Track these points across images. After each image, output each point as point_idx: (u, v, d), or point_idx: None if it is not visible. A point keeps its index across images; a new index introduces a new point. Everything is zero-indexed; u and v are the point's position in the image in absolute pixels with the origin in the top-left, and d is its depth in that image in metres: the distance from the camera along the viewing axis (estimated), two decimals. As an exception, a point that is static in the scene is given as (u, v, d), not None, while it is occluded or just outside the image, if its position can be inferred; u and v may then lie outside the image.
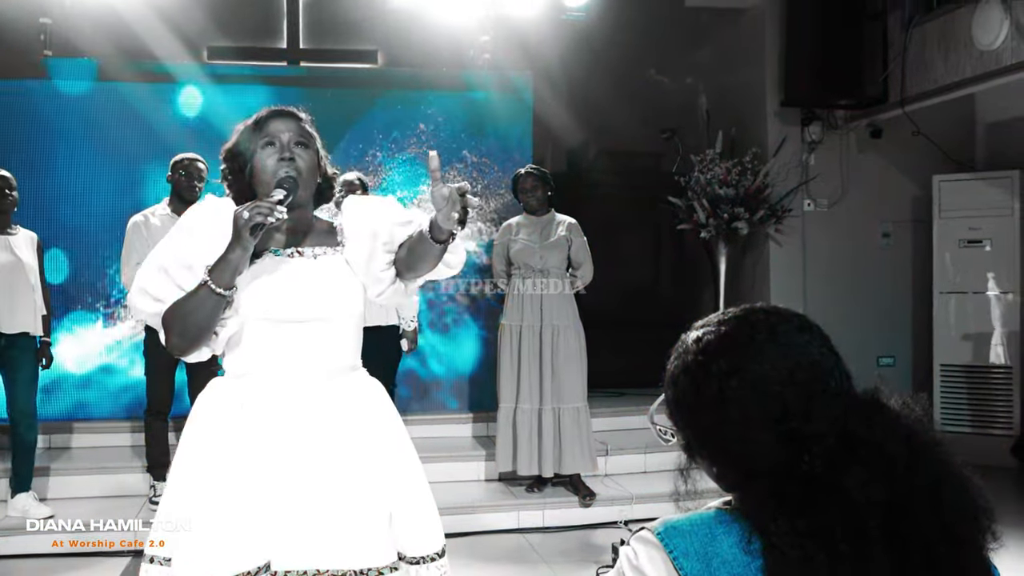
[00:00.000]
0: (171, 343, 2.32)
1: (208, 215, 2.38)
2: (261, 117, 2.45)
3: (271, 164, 2.38)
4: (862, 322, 7.69)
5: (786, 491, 1.18)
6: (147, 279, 2.33)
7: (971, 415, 7.27)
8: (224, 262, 2.24)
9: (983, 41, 6.25)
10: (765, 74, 7.70)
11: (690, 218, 7.54)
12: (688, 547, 1.19)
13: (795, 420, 1.20)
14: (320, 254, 2.44)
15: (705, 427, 1.27)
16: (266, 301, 2.33)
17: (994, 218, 7.24)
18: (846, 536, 1.15)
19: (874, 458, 1.18)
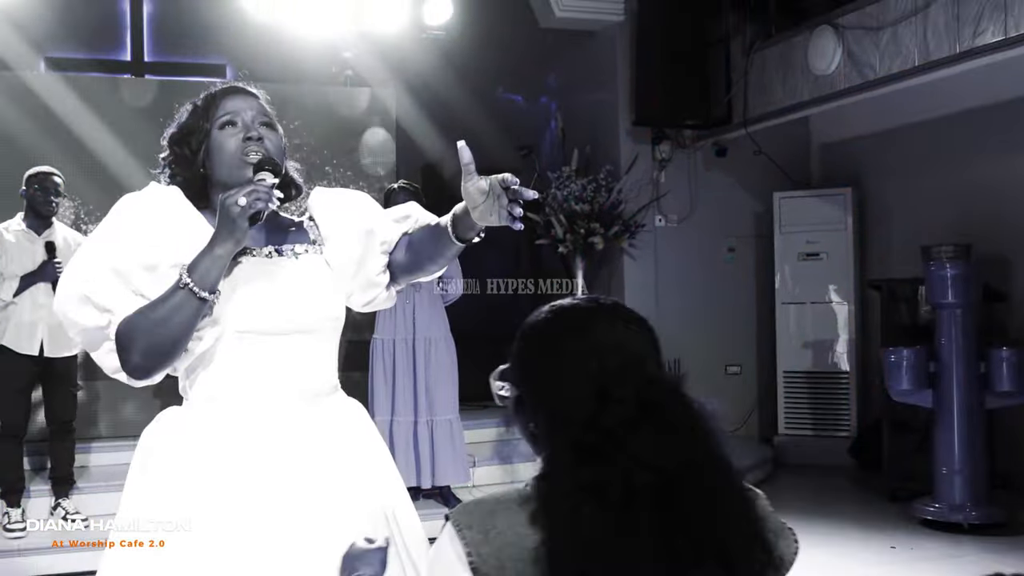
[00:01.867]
0: (131, 363, 1.90)
1: (160, 206, 2.00)
2: (213, 94, 2.10)
3: (233, 145, 2.01)
4: (710, 332, 8.04)
5: (584, 441, 1.33)
6: (91, 285, 1.90)
7: (812, 418, 7.71)
8: (210, 259, 1.86)
9: (818, 67, 6.67)
10: (617, 94, 7.99)
11: (548, 233, 7.75)
12: (471, 521, 1.35)
13: (610, 380, 1.37)
14: (301, 252, 2.09)
15: (540, 376, 1.44)
16: (251, 310, 1.96)
17: (830, 232, 7.72)
18: (617, 491, 1.29)
19: (661, 424, 1.34)
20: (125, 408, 6.60)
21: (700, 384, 5.99)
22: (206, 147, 2.04)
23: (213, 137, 2.04)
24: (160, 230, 1.95)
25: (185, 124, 2.09)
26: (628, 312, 1.50)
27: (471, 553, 1.33)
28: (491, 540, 1.33)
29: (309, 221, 2.16)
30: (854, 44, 6.39)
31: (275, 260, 2.05)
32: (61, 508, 5.46)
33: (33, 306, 5.31)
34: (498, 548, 1.32)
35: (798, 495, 6.92)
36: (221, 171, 2.02)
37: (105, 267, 1.91)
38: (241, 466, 1.93)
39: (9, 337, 5.32)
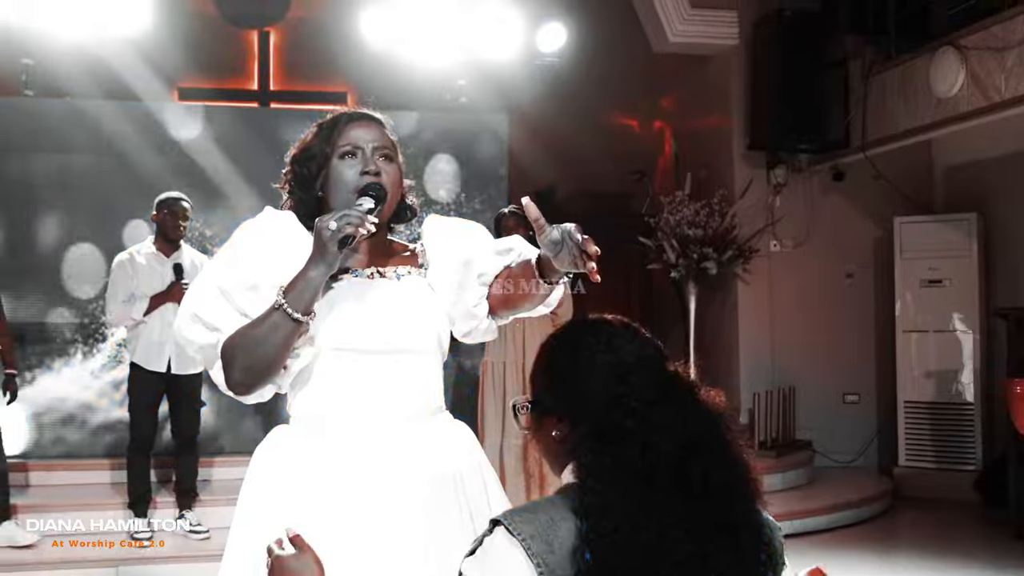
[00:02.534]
0: (232, 380, 1.94)
1: (271, 229, 2.04)
2: (339, 120, 2.10)
3: (351, 177, 2.03)
4: (827, 360, 7.89)
5: (607, 422, 1.45)
6: (201, 304, 1.96)
7: (935, 451, 7.44)
8: (303, 281, 1.89)
9: (940, 89, 6.50)
10: (732, 118, 7.93)
11: (660, 258, 7.72)
12: (534, 531, 1.42)
13: (630, 369, 1.52)
14: (404, 274, 2.09)
15: (566, 377, 1.57)
16: (347, 328, 1.97)
17: (954, 258, 7.48)
18: (639, 463, 1.41)
19: (680, 401, 1.48)
20: (246, 424, 6.82)
21: (817, 413, 5.99)
22: (325, 173, 2.07)
23: (333, 165, 2.06)
24: (267, 252, 1.98)
25: (308, 146, 2.11)
26: (644, 332, 1.63)
27: (540, 564, 1.39)
28: (556, 551, 1.40)
29: (421, 247, 2.18)
30: (978, 66, 6.20)
31: (376, 281, 2.06)
32: (185, 520, 5.68)
33: (162, 325, 5.55)
34: (563, 558, 1.40)
35: (919, 530, 6.71)
36: (336, 199, 2.04)
37: (213, 287, 1.96)
38: (338, 485, 1.93)
39: (139, 355, 5.60)
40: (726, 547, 1.41)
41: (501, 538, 1.44)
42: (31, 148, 6.61)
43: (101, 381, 6.62)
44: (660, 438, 1.42)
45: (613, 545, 1.38)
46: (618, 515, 1.39)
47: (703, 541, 1.39)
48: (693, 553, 1.39)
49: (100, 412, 6.60)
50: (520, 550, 1.41)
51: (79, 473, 6.36)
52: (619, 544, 1.38)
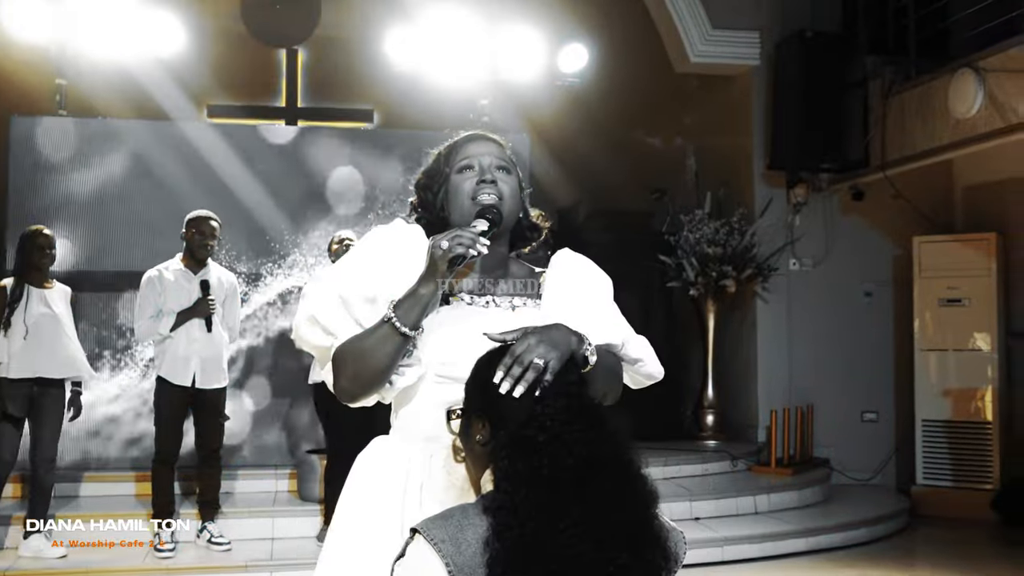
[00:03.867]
0: (340, 386, 1.97)
1: (396, 242, 2.05)
2: (457, 140, 2.17)
3: (468, 187, 2.07)
4: (846, 378, 7.93)
5: (523, 434, 1.62)
6: (321, 308, 1.99)
7: (952, 470, 7.46)
8: (413, 298, 1.92)
9: (959, 110, 6.55)
10: (752, 138, 8.01)
11: (679, 276, 7.80)
12: (444, 535, 1.58)
13: (548, 390, 1.69)
14: (519, 305, 2.08)
15: (490, 392, 1.71)
16: (452, 354, 1.95)
17: (973, 278, 7.50)
18: (546, 472, 1.58)
19: (590, 422, 1.65)
20: (269, 437, 6.94)
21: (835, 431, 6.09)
22: (445, 190, 2.11)
23: (451, 180, 2.10)
24: (390, 264, 2.00)
25: (429, 169, 2.17)
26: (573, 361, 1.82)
27: (449, 564, 1.56)
28: (463, 551, 1.57)
29: (544, 278, 2.15)
30: (996, 87, 6.26)
31: (490, 309, 2.06)
32: (207, 531, 5.79)
33: (188, 340, 5.67)
34: (470, 557, 1.56)
35: (936, 548, 6.73)
36: (456, 213, 2.08)
37: (334, 293, 1.98)
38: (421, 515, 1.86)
39: (165, 369, 5.71)
40: (622, 548, 1.57)
41: (420, 543, 1.59)
42: (67, 166, 6.77)
43: (129, 395, 6.75)
44: (567, 452, 1.59)
45: (516, 541, 1.54)
46: (522, 514, 1.56)
47: (600, 543, 1.55)
48: (590, 552, 1.54)
49: (126, 425, 6.73)
50: (433, 553, 1.57)
51: (105, 485, 6.48)
52: (522, 540, 1.54)
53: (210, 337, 5.71)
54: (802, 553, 6.35)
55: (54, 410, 5.58)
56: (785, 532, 6.43)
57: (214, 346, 5.75)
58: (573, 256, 2.20)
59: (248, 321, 6.88)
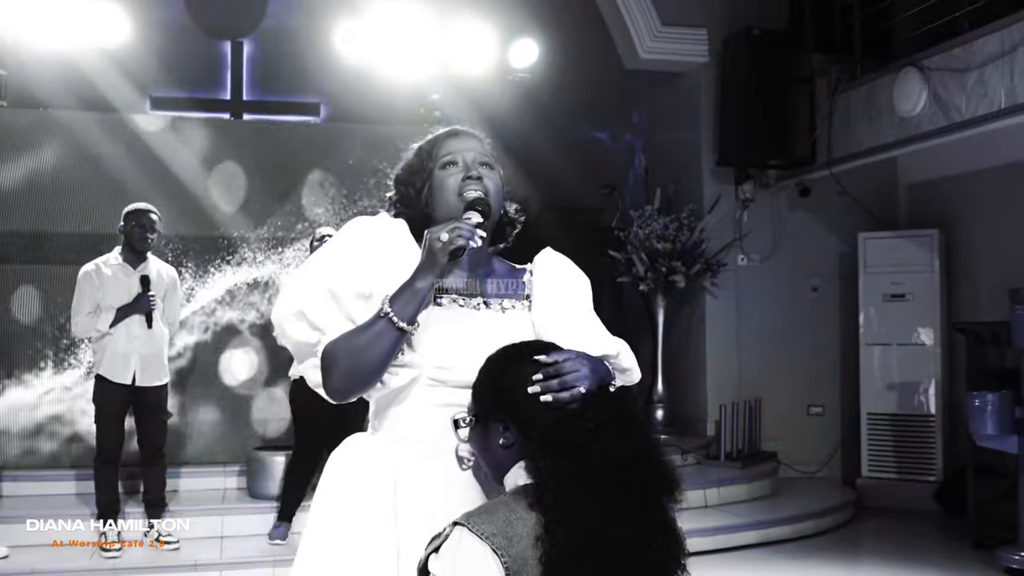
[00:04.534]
0: (332, 384, 1.93)
1: (383, 236, 2.04)
2: (438, 137, 2.16)
3: (453, 184, 2.05)
4: (792, 372, 8.02)
5: (556, 436, 1.70)
6: (309, 303, 1.95)
7: (897, 462, 7.59)
8: (410, 291, 1.90)
9: (903, 108, 6.65)
10: (701, 134, 8.06)
11: (629, 271, 7.84)
12: (494, 529, 1.63)
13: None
14: (508, 308, 2.07)
15: (517, 395, 1.78)
16: (449, 359, 1.95)
17: (916, 274, 7.63)
18: (599, 471, 1.66)
19: (622, 420, 1.75)
20: (213, 434, 6.84)
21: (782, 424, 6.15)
22: (429, 186, 2.09)
23: (435, 176, 2.09)
24: (381, 260, 1.98)
25: (410, 164, 2.15)
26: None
27: (504, 557, 1.61)
28: (514, 544, 1.62)
29: (529, 277, 2.15)
30: (940, 86, 6.36)
31: (481, 312, 2.05)
32: (155, 530, 5.68)
33: (127, 337, 5.54)
34: (522, 551, 1.62)
35: (881, 539, 6.84)
36: (441, 208, 2.06)
37: (323, 288, 1.96)
38: (422, 516, 1.90)
39: (105, 367, 5.56)
40: (657, 531, 1.69)
41: (467, 538, 1.62)
42: (3, 158, 6.60)
43: (72, 393, 6.61)
44: (607, 450, 1.68)
45: (568, 537, 1.61)
46: (572, 511, 1.63)
47: (642, 528, 1.66)
48: (633, 539, 1.65)
49: (68, 424, 6.59)
50: (486, 547, 1.60)
51: (47, 484, 6.35)
52: (574, 533, 1.61)
53: (151, 333, 5.59)
54: (752, 546, 6.41)
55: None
56: (735, 525, 6.48)
57: (155, 343, 5.63)
58: (557, 257, 2.21)
59: (196, 316, 6.78)
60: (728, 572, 5.86)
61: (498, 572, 1.60)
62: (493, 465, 1.83)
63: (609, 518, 1.64)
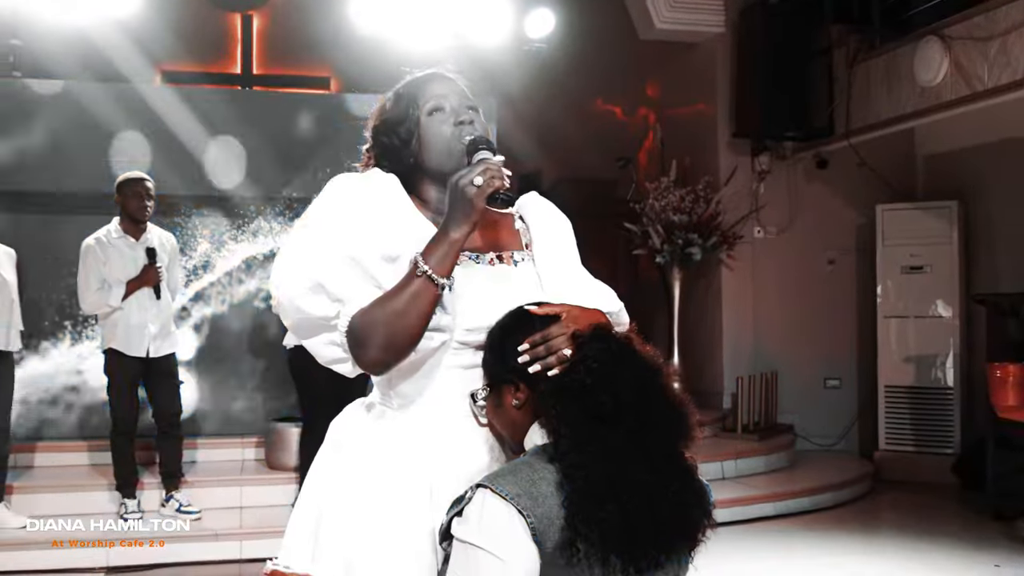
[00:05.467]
0: (367, 357, 1.78)
1: (385, 193, 1.92)
2: (417, 81, 2.00)
3: (446, 131, 1.92)
4: (809, 344, 7.99)
5: (571, 380, 1.67)
6: (327, 273, 1.79)
7: (914, 434, 7.56)
8: (447, 244, 1.75)
9: (924, 78, 6.58)
10: (717, 106, 8.00)
11: (645, 244, 7.79)
12: (518, 490, 1.60)
13: (588, 337, 1.73)
14: (519, 260, 1.97)
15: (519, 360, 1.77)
16: (479, 320, 1.84)
17: (935, 245, 7.58)
18: (602, 416, 1.64)
19: (629, 360, 1.72)
20: (230, 407, 6.83)
21: (799, 397, 6.13)
22: (417, 136, 1.94)
23: (423, 124, 1.94)
24: (393, 217, 1.86)
25: (391, 115, 1.98)
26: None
27: (529, 517, 1.59)
28: (540, 503, 1.60)
29: (522, 224, 2.04)
30: (961, 55, 6.29)
31: (497, 268, 1.94)
32: (175, 500, 5.68)
33: (139, 310, 5.52)
34: (548, 509, 1.59)
35: (899, 512, 6.82)
36: (434, 158, 1.93)
37: (342, 254, 1.80)
38: (447, 487, 1.79)
39: (119, 341, 5.53)
40: (674, 476, 1.66)
41: (491, 499, 1.60)
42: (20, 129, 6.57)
43: (88, 363, 6.60)
44: (615, 390, 1.65)
45: (587, 480, 1.59)
46: (588, 453, 1.61)
47: (657, 472, 1.64)
48: (651, 481, 1.62)
49: (86, 394, 6.59)
50: (511, 508, 1.58)
51: (65, 455, 6.35)
52: (591, 479, 1.59)
53: (159, 304, 5.59)
54: (770, 517, 6.41)
55: (6, 379, 5.42)
56: (753, 497, 6.47)
57: (164, 313, 5.63)
58: (543, 202, 2.10)
59: (212, 288, 6.76)
60: (746, 543, 5.85)
61: (524, 533, 1.58)
62: (510, 429, 1.80)
63: (626, 461, 1.62)
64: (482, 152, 1.83)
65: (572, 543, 1.57)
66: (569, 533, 1.58)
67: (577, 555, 1.58)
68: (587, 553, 1.57)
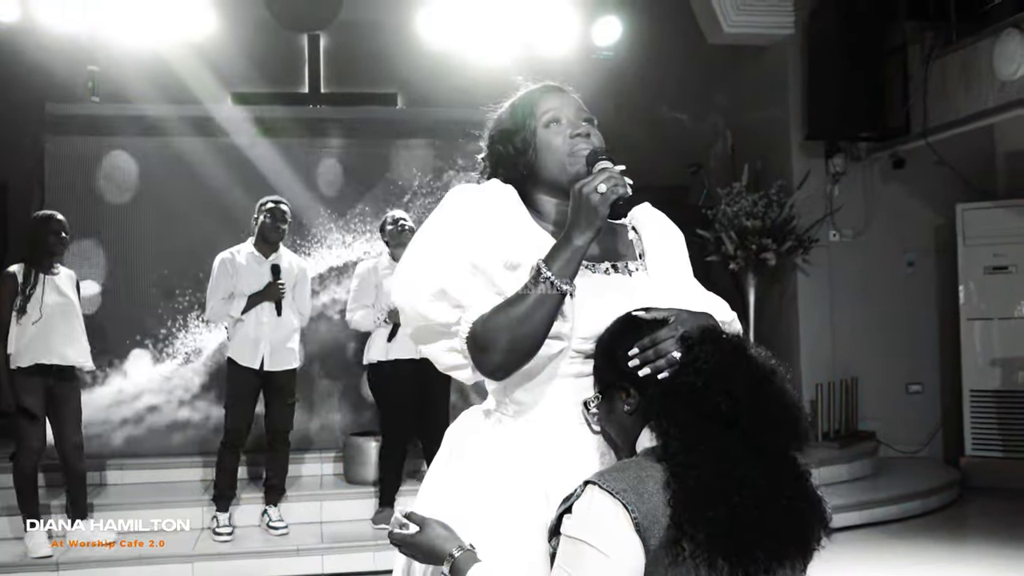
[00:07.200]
0: (490, 363, 1.81)
1: (503, 203, 1.96)
2: (533, 93, 2.05)
3: (561, 142, 1.95)
4: (889, 350, 7.82)
5: (681, 383, 1.67)
6: (450, 279, 1.83)
7: (1002, 440, 7.35)
8: (570, 251, 1.79)
9: (1004, 72, 6.40)
10: (788, 108, 7.88)
11: (718, 250, 7.69)
12: (625, 486, 1.60)
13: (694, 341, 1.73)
14: (635, 270, 2.00)
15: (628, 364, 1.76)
16: (593, 327, 1.86)
17: (1018, 245, 7.38)
18: (713, 417, 1.63)
19: (739, 360, 1.70)
20: (312, 422, 6.89)
21: (881, 403, 5.98)
22: (533, 146, 1.98)
23: (539, 135, 1.98)
24: (512, 227, 1.91)
25: (506, 124, 2.03)
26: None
27: (634, 511, 1.58)
28: (646, 500, 1.59)
29: (635, 235, 2.06)
30: (1043, 47, 6.11)
31: (612, 277, 1.96)
32: (267, 515, 5.79)
33: (256, 323, 5.73)
34: (654, 506, 1.58)
35: (988, 519, 6.65)
36: (549, 168, 1.97)
37: (463, 262, 1.85)
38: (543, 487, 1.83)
39: (235, 350, 5.76)
40: (788, 480, 1.64)
41: (598, 495, 1.60)
42: (95, 151, 6.75)
43: (171, 383, 6.73)
44: (726, 390, 1.63)
45: (696, 480, 1.58)
46: (697, 454, 1.60)
47: (769, 474, 1.61)
48: (763, 485, 1.59)
49: (168, 413, 6.71)
50: (617, 503, 1.58)
51: (151, 472, 6.46)
52: (701, 479, 1.58)
53: (280, 321, 5.76)
54: (855, 527, 6.28)
55: (73, 397, 5.55)
56: (836, 506, 6.16)
57: (283, 329, 5.79)
58: (656, 213, 2.12)
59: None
60: (831, 554, 5.69)
61: (628, 527, 1.57)
62: (622, 435, 1.80)
63: (738, 462, 1.60)
64: (603, 162, 1.88)
65: (677, 542, 1.56)
66: (674, 532, 1.56)
67: (682, 554, 1.56)
68: (693, 553, 1.55)
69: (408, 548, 1.81)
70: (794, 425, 1.68)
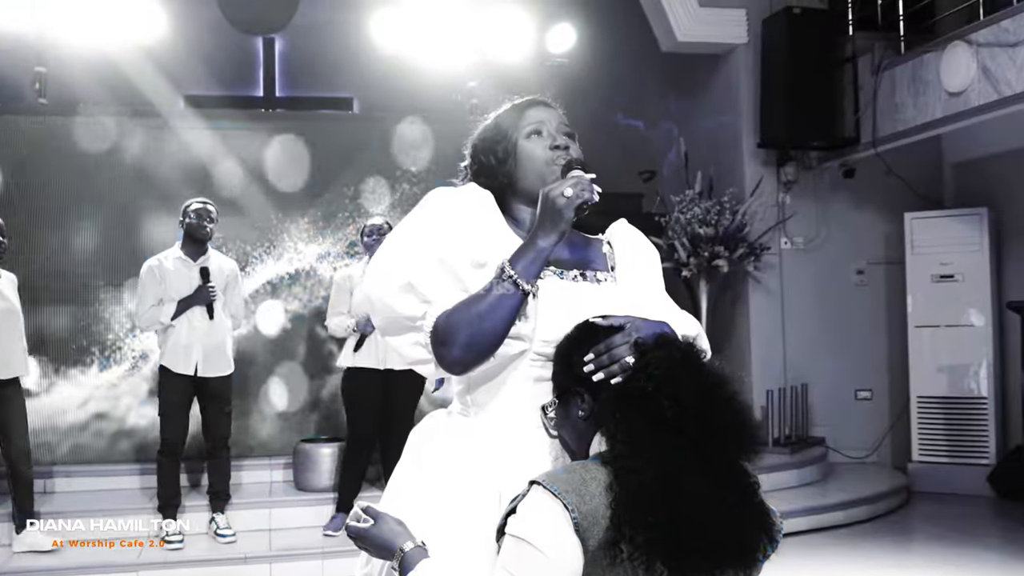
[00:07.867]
0: (449, 357, 1.86)
1: (478, 205, 2.01)
2: (518, 106, 2.13)
3: (540, 152, 2.03)
4: (839, 356, 7.90)
5: (632, 387, 1.69)
6: (419, 274, 1.89)
7: (948, 445, 7.45)
8: (533, 251, 1.85)
9: (951, 84, 6.50)
10: (741, 116, 7.94)
11: (671, 257, 7.73)
12: (567, 487, 1.61)
13: (647, 347, 1.75)
14: (602, 280, 2.04)
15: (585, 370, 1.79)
16: (555, 331, 1.88)
17: (965, 253, 7.49)
18: (661, 422, 1.63)
19: (691, 367, 1.71)
20: (258, 428, 6.83)
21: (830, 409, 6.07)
22: (514, 156, 2.06)
23: (520, 146, 2.06)
24: (484, 229, 1.96)
25: (490, 134, 2.11)
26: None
27: (574, 512, 1.59)
28: (587, 501, 1.60)
29: (608, 248, 2.14)
30: (989, 60, 6.21)
31: (579, 284, 2.00)
32: (214, 523, 5.72)
33: (189, 328, 5.64)
34: (595, 508, 1.59)
35: (935, 524, 6.72)
36: (528, 178, 2.04)
37: (432, 258, 1.91)
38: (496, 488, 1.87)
39: (168, 357, 5.66)
40: (731, 489, 1.64)
41: (540, 494, 1.62)
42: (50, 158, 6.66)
43: (118, 389, 6.65)
44: (676, 396, 1.65)
45: (638, 485, 1.58)
46: (642, 459, 1.61)
47: (714, 483, 1.61)
48: (705, 492, 1.60)
49: (115, 420, 6.62)
50: (557, 502, 1.59)
51: (99, 479, 6.38)
52: (645, 482, 1.58)
53: (212, 325, 5.67)
54: (803, 532, 6.32)
55: (17, 400, 5.46)
56: (785, 511, 6.28)
57: (216, 334, 5.70)
58: (632, 230, 2.21)
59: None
60: (779, 558, 5.75)
61: (567, 527, 1.58)
62: (576, 439, 1.82)
63: (682, 469, 1.60)
64: (574, 172, 1.94)
65: (615, 543, 1.57)
66: (613, 533, 1.58)
67: (620, 556, 1.57)
68: (631, 556, 1.57)
69: (362, 541, 1.83)
70: (742, 434, 1.70)
